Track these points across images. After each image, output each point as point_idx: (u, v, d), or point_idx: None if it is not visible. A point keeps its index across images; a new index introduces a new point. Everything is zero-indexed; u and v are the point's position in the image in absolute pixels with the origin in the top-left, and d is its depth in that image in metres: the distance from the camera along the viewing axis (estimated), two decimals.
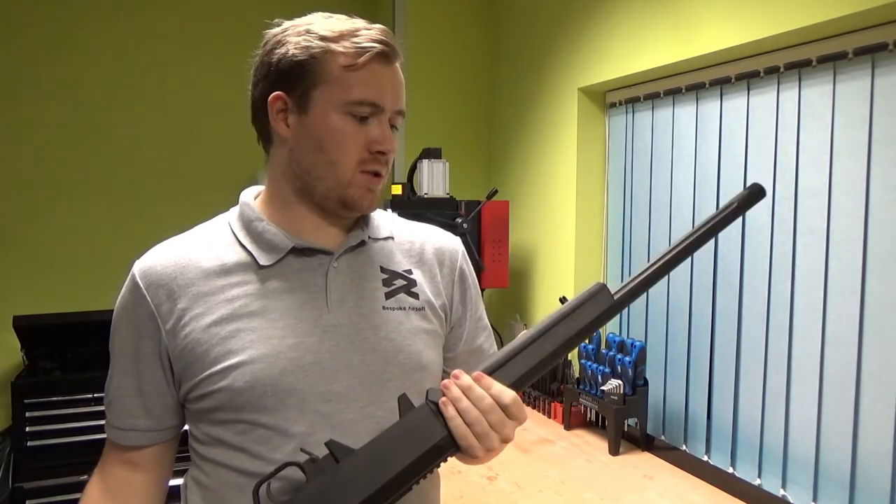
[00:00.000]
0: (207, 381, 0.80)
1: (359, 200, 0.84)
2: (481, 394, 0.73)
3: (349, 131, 0.81)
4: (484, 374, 0.75)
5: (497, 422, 0.73)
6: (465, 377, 0.75)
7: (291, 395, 0.79)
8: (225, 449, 0.81)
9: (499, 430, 0.73)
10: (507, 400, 0.74)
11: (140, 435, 0.86)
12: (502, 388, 0.74)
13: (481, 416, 0.72)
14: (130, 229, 2.66)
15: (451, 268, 0.96)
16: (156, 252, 0.86)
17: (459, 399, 0.73)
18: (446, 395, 0.74)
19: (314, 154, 0.83)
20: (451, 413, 0.73)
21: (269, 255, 0.84)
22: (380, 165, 0.84)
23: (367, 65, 0.81)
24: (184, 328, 0.81)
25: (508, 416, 0.74)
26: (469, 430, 0.72)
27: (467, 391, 0.73)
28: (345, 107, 0.81)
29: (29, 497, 2.07)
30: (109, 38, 2.65)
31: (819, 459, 1.56)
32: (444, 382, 0.75)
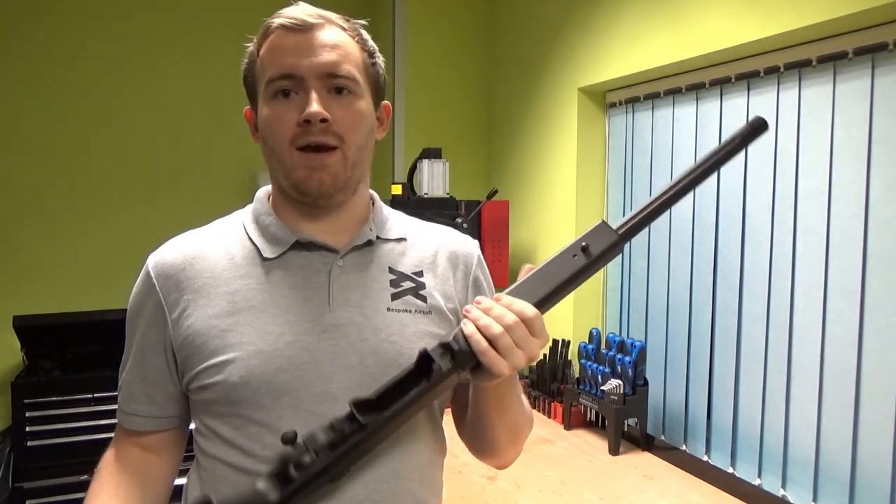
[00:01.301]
0: (205, 373, 0.80)
1: (304, 182, 0.80)
2: (503, 311, 0.72)
3: (274, 114, 0.80)
4: (503, 295, 0.75)
5: (522, 337, 0.72)
6: (486, 300, 0.74)
7: (286, 394, 0.79)
8: (221, 443, 0.81)
9: (523, 347, 0.73)
10: (530, 314, 0.73)
11: (143, 420, 0.87)
12: (524, 304, 0.73)
13: (505, 333, 0.71)
14: (131, 229, 2.65)
15: (465, 272, 0.94)
16: (169, 244, 0.88)
17: (479, 317, 0.72)
18: (467, 317, 0.73)
19: (265, 150, 0.84)
20: (469, 330, 0.72)
21: (274, 248, 0.84)
22: (312, 136, 0.78)
23: (273, 42, 0.81)
24: (187, 319, 0.82)
25: (532, 332, 0.73)
26: (489, 347, 0.71)
27: (488, 310, 0.73)
28: (267, 92, 0.81)
29: (29, 497, 2.07)
30: (110, 39, 2.64)
31: (819, 459, 1.56)
32: (465, 308, 0.75)
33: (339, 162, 0.81)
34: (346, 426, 0.71)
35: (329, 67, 0.79)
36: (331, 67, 0.79)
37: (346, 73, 0.80)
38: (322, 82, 0.79)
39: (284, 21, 0.80)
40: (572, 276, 0.76)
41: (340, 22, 0.84)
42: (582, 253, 0.76)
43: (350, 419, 0.71)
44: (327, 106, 0.79)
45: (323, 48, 0.80)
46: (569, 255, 0.76)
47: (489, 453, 0.95)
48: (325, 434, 0.70)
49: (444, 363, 0.73)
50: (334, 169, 0.81)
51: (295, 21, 0.80)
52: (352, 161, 0.82)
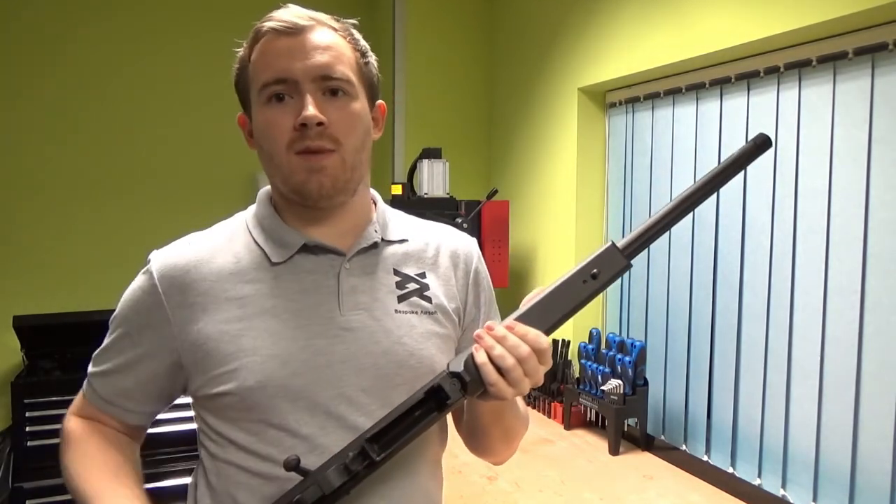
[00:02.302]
0: (217, 378, 0.80)
1: (303, 186, 0.79)
2: (518, 342, 0.73)
3: (270, 119, 0.79)
4: (517, 322, 0.75)
5: (532, 368, 0.73)
6: (499, 327, 0.74)
7: (302, 397, 0.79)
8: (236, 449, 0.81)
9: (532, 376, 0.73)
10: (544, 345, 0.74)
11: (122, 412, 0.88)
12: (538, 334, 0.74)
13: (517, 365, 0.72)
14: (131, 229, 2.66)
15: (465, 270, 0.94)
16: (173, 246, 0.87)
17: (493, 346, 0.73)
18: (479, 344, 0.74)
19: (262, 156, 0.83)
20: (482, 359, 0.72)
21: (281, 252, 0.84)
22: (309, 140, 0.77)
23: (263, 47, 0.80)
24: (195, 323, 0.81)
25: (542, 361, 0.74)
26: (500, 378, 0.72)
27: (502, 340, 0.73)
28: (261, 97, 0.80)
29: (29, 497, 2.07)
30: (110, 40, 2.65)
31: (819, 459, 1.56)
32: (476, 333, 0.75)
33: (338, 164, 0.80)
34: (358, 465, 0.73)
35: (323, 69, 0.79)
36: (324, 69, 0.79)
37: (341, 75, 0.80)
38: (316, 85, 0.79)
39: (275, 24, 0.79)
40: (582, 301, 0.78)
41: (331, 22, 0.83)
42: (592, 279, 0.77)
43: (363, 456, 0.73)
44: (323, 109, 0.78)
45: (315, 50, 0.79)
46: (578, 281, 0.78)
47: (484, 453, 0.96)
48: (338, 476, 0.72)
49: (455, 393, 0.74)
50: (333, 171, 0.80)
51: (285, 24, 0.79)
52: (350, 163, 0.82)
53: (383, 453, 0.73)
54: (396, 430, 0.74)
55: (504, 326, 0.74)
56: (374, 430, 0.74)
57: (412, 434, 0.74)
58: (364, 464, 0.73)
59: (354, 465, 0.72)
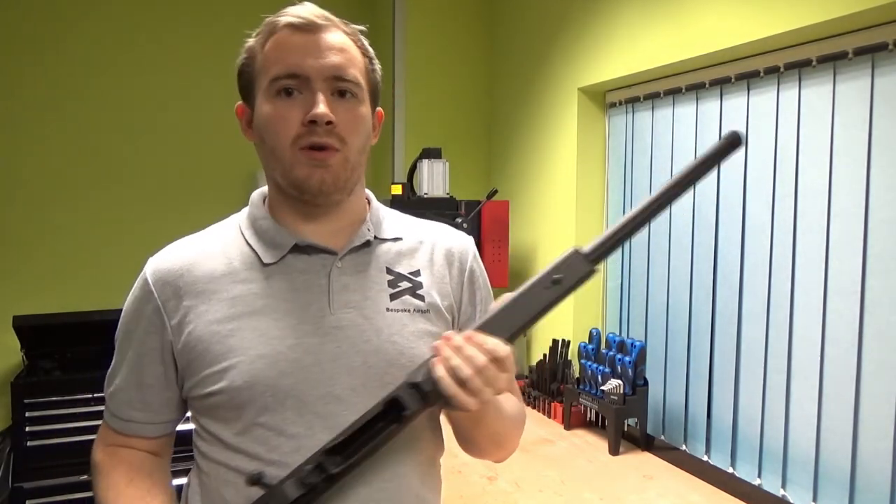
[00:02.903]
0: (208, 379, 0.80)
1: (306, 180, 0.80)
2: (475, 352, 0.72)
3: (276, 112, 0.80)
4: (475, 332, 0.74)
5: (492, 377, 0.73)
6: (457, 337, 0.74)
7: (290, 396, 0.79)
8: (224, 448, 0.82)
9: (493, 384, 0.73)
10: (502, 354, 0.73)
11: (141, 427, 0.88)
12: (496, 342, 0.73)
13: (475, 375, 0.72)
14: (130, 229, 2.66)
15: (460, 269, 0.94)
16: (167, 250, 0.88)
17: (450, 357, 0.72)
18: (436, 354, 0.74)
19: (262, 149, 0.83)
20: (440, 373, 0.72)
21: (273, 253, 0.84)
22: (317, 136, 0.78)
23: (278, 40, 0.80)
24: (188, 325, 0.82)
25: (502, 369, 0.74)
26: (459, 389, 0.72)
27: (458, 350, 0.73)
28: (269, 89, 0.80)
29: (29, 497, 2.07)
30: (110, 40, 2.65)
31: (819, 459, 1.56)
32: (434, 344, 0.75)
33: (341, 163, 0.81)
34: (315, 477, 0.73)
35: (336, 70, 0.80)
36: (337, 70, 0.80)
37: (352, 78, 0.81)
38: (327, 84, 0.80)
39: (292, 20, 0.80)
40: (544, 308, 0.76)
41: (343, 26, 0.84)
42: (554, 285, 0.76)
43: (319, 469, 0.73)
44: (331, 108, 0.79)
45: (330, 50, 0.80)
46: (541, 287, 0.76)
47: (477, 454, 0.96)
48: (295, 489, 0.72)
49: (414, 404, 0.74)
50: (335, 169, 0.81)
51: (303, 20, 0.80)
52: (352, 163, 0.83)
53: (341, 466, 0.72)
54: (357, 442, 0.74)
55: (462, 336, 0.74)
56: (332, 443, 0.73)
57: (372, 446, 0.74)
58: (321, 477, 0.72)
59: (310, 479, 0.72)
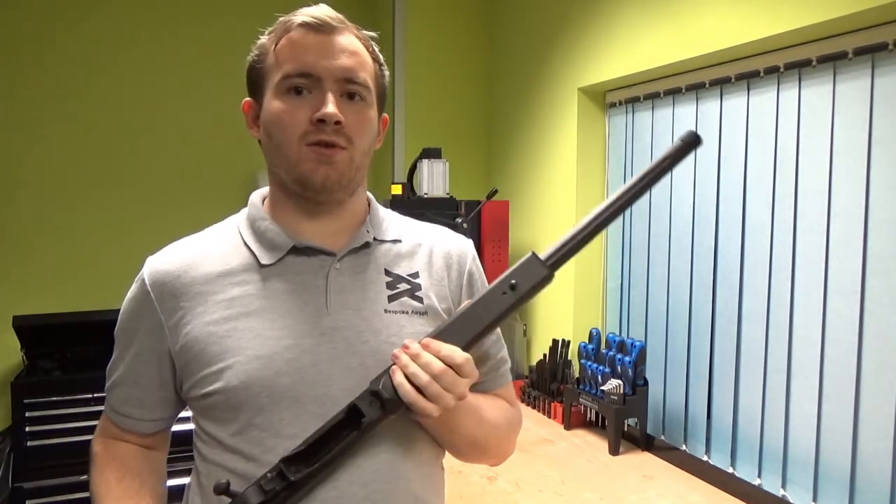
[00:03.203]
0: (205, 379, 0.81)
1: (310, 175, 0.81)
2: (430, 358, 0.74)
3: (286, 109, 0.80)
4: (432, 340, 0.76)
5: (450, 383, 0.74)
6: (414, 345, 0.75)
7: (286, 397, 0.79)
8: (222, 449, 0.82)
9: (452, 390, 0.74)
10: (458, 360, 0.74)
11: (135, 423, 0.89)
12: (453, 349, 0.75)
13: (432, 381, 0.73)
14: (131, 229, 2.65)
15: (459, 271, 0.94)
16: (165, 251, 0.88)
17: (408, 364, 0.74)
18: (395, 362, 0.75)
19: (268, 144, 0.84)
20: (398, 380, 0.74)
21: (271, 254, 0.85)
22: (324, 135, 0.79)
23: (291, 39, 0.81)
24: (185, 326, 0.82)
25: (461, 374, 0.75)
26: (418, 395, 0.73)
27: (415, 357, 0.74)
28: (280, 86, 0.81)
29: (29, 497, 2.07)
30: (110, 40, 2.64)
31: (819, 459, 1.56)
32: (393, 352, 0.76)
33: (346, 161, 0.82)
34: (276, 484, 0.73)
35: (347, 72, 0.81)
36: (349, 73, 0.81)
37: (362, 81, 0.82)
38: (338, 85, 0.81)
39: (307, 19, 0.81)
40: (501, 314, 0.77)
41: (356, 31, 0.85)
42: (511, 290, 0.76)
43: (280, 476, 0.74)
44: (340, 109, 0.80)
45: (343, 53, 0.81)
46: (498, 293, 0.77)
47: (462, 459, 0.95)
48: (256, 496, 0.73)
49: (373, 412, 0.75)
50: (341, 166, 0.82)
51: (318, 21, 0.81)
52: (356, 163, 0.84)
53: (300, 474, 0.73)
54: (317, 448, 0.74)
55: (420, 343, 0.75)
56: (292, 451, 0.74)
57: (333, 454, 0.75)
58: (282, 484, 0.73)
59: (270, 485, 0.73)
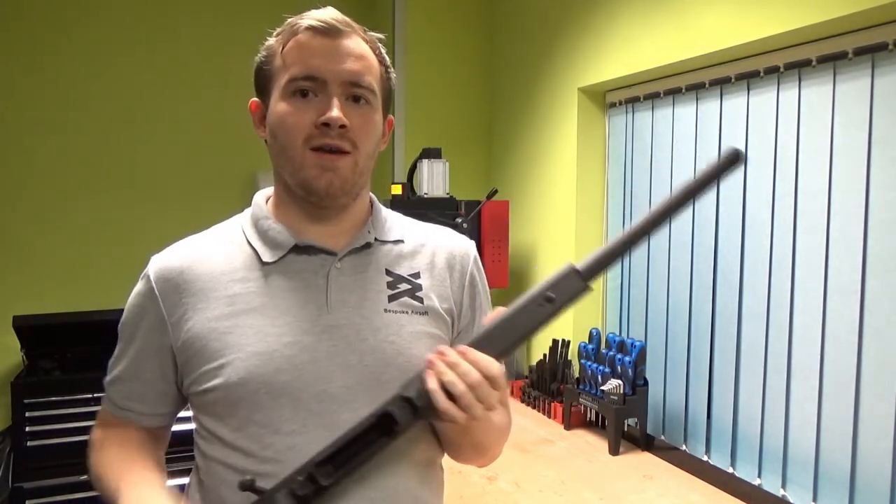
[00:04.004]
0: (205, 375, 0.81)
1: (314, 181, 0.81)
2: (469, 369, 0.73)
3: (291, 111, 0.81)
4: (469, 348, 0.75)
5: (484, 394, 0.73)
6: (452, 353, 0.75)
7: (285, 394, 0.80)
8: (221, 445, 0.82)
9: (484, 401, 0.74)
10: (495, 372, 0.74)
11: (135, 416, 0.90)
12: (490, 361, 0.74)
13: (468, 391, 0.72)
14: (131, 230, 2.66)
15: (461, 272, 0.94)
16: (170, 249, 0.89)
17: (444, 372, 0.73)
18: (431, 369, 0.74)
19: (274, 146, 0.84)
20: (433, 386, 0.73)
21: (273, 252, 0.85)
22: (328, 139, 0.79)
23: (299, 42, 0.82)
24: (187, 322, 0.83)
25: (494, 387, 0.74)
26: (451, 404, 0.72)
27: (453, 366, 0.73)
28: (286, 89, 0.81)
29: (29, 497, 2.07)
30: (110, 41, 2.64)
31: (819, 459, 1.56)
32: (428, 358, 0.75)
33: (350, 166, 0.82)
34: (307, 489, 0.73)
35: (353, 76, 0.81)
36: (354, 76, 0.81)
37: (367, 85, 0.83)
38: (343, 89, 0.81)
39: (314, 23, 0.81)
40: (536, 326, 0.77)
41: (363, 33, 0.86)
42: (548, 303, 0.77)
43: (311, 481, 0.73)
44: (345, 113, 0.80)
45: (349, 56, 0.81)
46: (535, 305, 0.77)
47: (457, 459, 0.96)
48: (287, 500, 0.73)
49: (405, 418, 0.74)
50: (344, 172, 0.82)
51: (325, 24, 0.81)
52: (360, 168, 0.84)
53: (332, 478, 0.73)
54: (347, 453, 0.74)
55: (457, 352, 0.75)
56: (323, 455, 0.74)
57: (361, 458, 0.74)
58: (313, 489, 0.73)
59: (302, 490, 0.73)
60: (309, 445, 0.77)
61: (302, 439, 0.79)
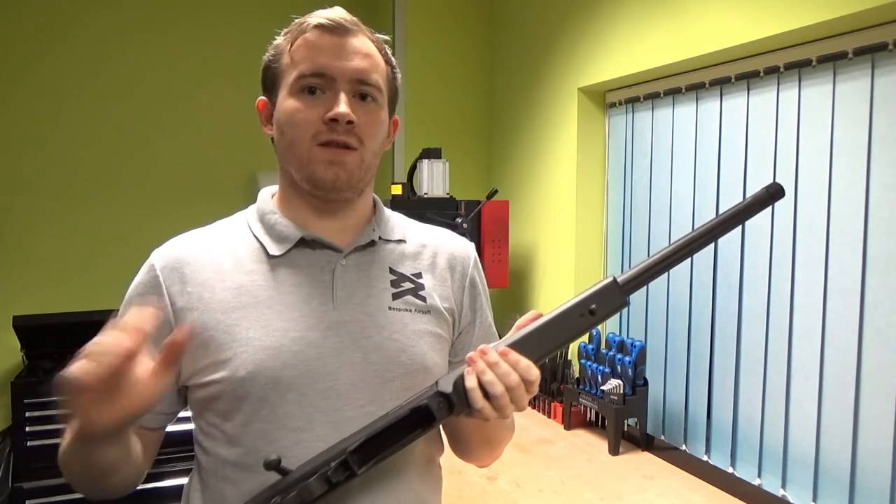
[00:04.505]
0: (210, 367, 0.81)
1: (321, 175, 0.82)
2: (509, 370, 0.73)
3: (299, 108, 0.82)
4: (510, 350, 0.75)
5: (519, 397, 0.74)
6: (493, 353, 0.75)
7: (291, 390, 0.80)
8: (225, 441, 0.82)
9: (517, 403, 0.74)
10: (533, 377, 0.74)
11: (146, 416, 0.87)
12: (529, 364, 0.75)
13: (506, 392, 0.73)
14: (131, 230, 2.66)
15: (462, 274, 0.95)
16: (174, 240, 0.89)
17: (484, 371, 0.73)
18: (471, 367, 0.75)
19: (281, 142, 0.85)
20: (471, 384, 0.73)
21: (279, 246, 0.86)
22: (336, 134, 0.81)
23: (307, 39, 0.83)
24: (191, 312, 0.82)
25: (529, 391, 0.75)
26: (486, 402, 0.73)
27: (494, 366, 0.74)
28: (294, 86, 0.82)
29: (29, 497, 2.07)
30: (111, 40, 2.65)
31: (819, 459, 1.56)
32: (469, 356, 0.76)
33: (357, 162, 0.83)
34: (341, 475, 0.73)
35: (360, 74, 0.82)
36: (362, 74, 0.83)
37: (374, 83, 0.84)
38: (351, 86, 0.82)
39: (322, 21, 0.82)
40: (575, 335, 0.78)
41: (369, 33, 0.87)
42: (589, 315, 0.78)
43: (344, 467, 0.73)
44: (352, 109, 0.81)
45: (356, 54, 0.83)
46: (576, 315, 0.78)
47: (466, 457, 0.98)
48: (319, 485, 0.72)
49: (442, 413, 0.75)
50: (351, 167, 0.83)
51: (333, 23, 0.82)
52: (367, 164, 0.85)
53: (364, 466, 0.73)
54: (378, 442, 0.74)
55: (497, 353, 0.75)
56: (357, 442, 0.74)
57: (394, 448, 0.75)
58: (345, 475, 0.73)
59: (336, 476, 0.73)
60: (314, 442, 0.77)
61: (308, 436, 0.79)
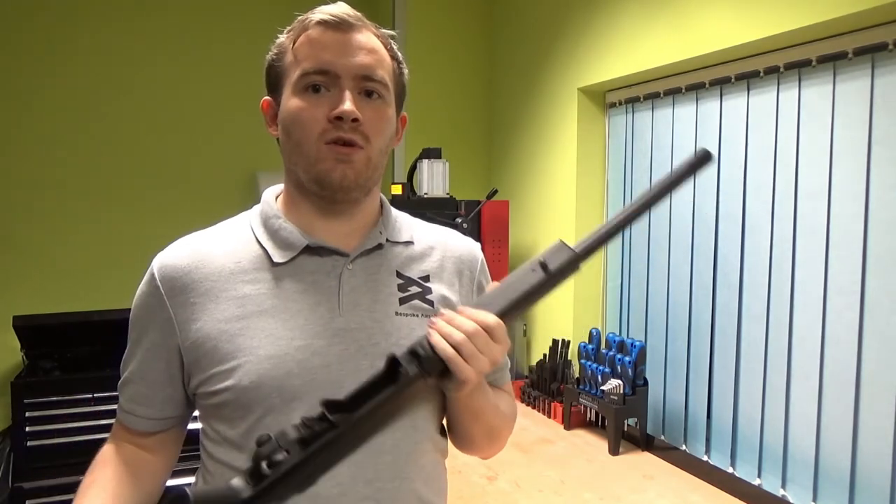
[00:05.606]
0: (216, 377, 0.80)
1: (329, 174, 0.80)
2: (464, 320, 0.74)
3: (304, 106, 0.80)
4: (465, 307, 0.76)
5: (484, 344, 0.74)
6: (450, 312, 0.76)
7: (296, 398, 0.79)
8: (230, 448, 0.81)
9: (486, 353, 0.74)
10: (491, 322, 0.74)
11: (139, 420, 0.88)
12: (485, 313, 0.75)
13: (467, 340, 0.73)
14: (131, 229, 2.65)
15: (470, 277, 0.94)
16: (175, 246, 0.87)
17: (443, 326, 0.74)
18: (432, 327, 0.75)
19: (287, 142, 0.84)
20: (436, 340, 0.73)
21: (284, 253, 0.84)
22: (342, 132, 0.79)
23: (310, 37, 0.81)
24: (195, 322, 0.81)
25: (494, 339, 0.74)
26: (455, 353, 0.73)
27: (450, 321, 0.74)
28: (298, 84, 0.81)
29: (29, 497, 2.06)
30: (111, 40, 2.64)
31: (819, 459, 1.56)
32: (429, 320, 0.76)
33: (364, 160, 0.82)
34: (316, 424, 0.71)
35: (365, 70, 0.81)
36: (367, 70, 0.81)
37: (380, 79, 0.82)
38: (356, 83, 0.81)
39: (325, 17, 0.81)
40: (530, 289, 0.78)
41: (374, 29, 0.85)
42: (541, 268, 0.78)
43: (321, 418, 0.72)
44: (358, 107, 0.80)
45: (361, 50, 0.81)
46: (528, 270, 0.78)
47: (469, 449, 0.97)
48: (295, 431, 0.71)
49: (412, 368, 0.74)
50: (358, 165, 0.81)
51: (336, 19, 0.81)
52: (374, 162, 0.83)
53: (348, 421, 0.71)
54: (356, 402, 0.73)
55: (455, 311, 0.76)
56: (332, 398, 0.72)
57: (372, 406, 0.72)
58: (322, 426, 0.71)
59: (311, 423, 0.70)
60: None
61: None
